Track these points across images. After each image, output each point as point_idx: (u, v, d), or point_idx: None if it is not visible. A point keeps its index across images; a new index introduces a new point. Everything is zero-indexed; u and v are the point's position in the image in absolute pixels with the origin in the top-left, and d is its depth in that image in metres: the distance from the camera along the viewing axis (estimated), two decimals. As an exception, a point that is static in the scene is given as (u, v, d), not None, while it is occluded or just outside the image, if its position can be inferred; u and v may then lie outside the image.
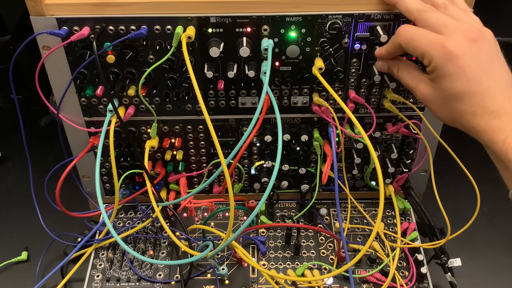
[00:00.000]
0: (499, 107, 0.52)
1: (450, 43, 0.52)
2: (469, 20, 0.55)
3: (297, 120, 0.75)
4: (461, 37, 0.53)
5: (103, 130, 0.66)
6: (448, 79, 0.53)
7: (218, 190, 0.83)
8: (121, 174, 0.77)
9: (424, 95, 0.57)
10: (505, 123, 0.51)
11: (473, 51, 0.52)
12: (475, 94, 0.52)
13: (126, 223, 0.81)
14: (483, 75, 0.52)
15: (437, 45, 0.53)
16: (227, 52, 0.66)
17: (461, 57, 0.52)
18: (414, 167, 0.79)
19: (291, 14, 0.63)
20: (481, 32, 0.54)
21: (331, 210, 0.83)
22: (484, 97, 0.52)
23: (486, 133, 0.52)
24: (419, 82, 0.58)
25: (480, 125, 0.53)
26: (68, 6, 0.63)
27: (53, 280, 0.73)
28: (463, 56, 0.52)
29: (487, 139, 0.52)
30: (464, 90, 0.53)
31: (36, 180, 0.79)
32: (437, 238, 0.74)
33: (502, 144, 0.51)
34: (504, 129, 0.51)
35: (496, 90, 0.52)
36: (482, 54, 0.53)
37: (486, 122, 0.52)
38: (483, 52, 0.53)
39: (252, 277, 0.73)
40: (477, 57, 0.52)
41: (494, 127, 0.52)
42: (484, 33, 0.54)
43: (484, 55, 0.53)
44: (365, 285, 0.72)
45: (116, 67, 0.67)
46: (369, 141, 0.60)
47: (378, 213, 0.59)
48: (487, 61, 0.53)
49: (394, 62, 0.62)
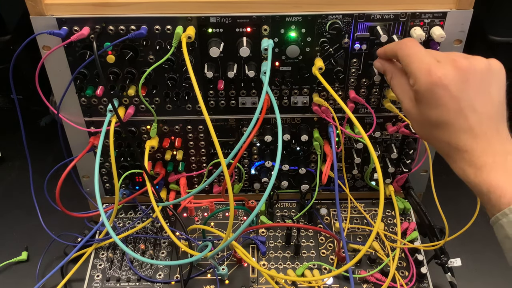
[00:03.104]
0: (473, 140, 0.51)
1: (437, 70, 0.51)
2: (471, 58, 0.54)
3: (297, 120, 0.75)
4: (451, 66, 0.52)
5: (103, 130, 0.66)
6: (429, 105, 0.53)
7: (218, 190, 0.83)
8: (121, 174, 0.77)
9: (407, 110, 0.57)
10: (476, 157, 0.51)
11: (459, 81, 0.51)
12: (453, 126, 0.52)
13: (126, 223, 0.81)
14: (465, 108, 0.51)
15: (425, 70, 0.52)
16: (227, 52, 0.66)
17: (446, 87, 0.51)
18: (414, 167, 0.79)
19: (291, 14, 0.63)
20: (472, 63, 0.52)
21: (331, 210, 0.83)
22: (460, 129, 0.52)
23: (459, 163, 0.52)
24: (406, 96, 0.57)
25: (452, 155, 0.53)
26: (68, 6, 0.63)
27: (53, 280, 0.73)
28: (448, 86, 0.51)
29: (459, 169, 0.52)
30: (441, 120, 0.52)
31: (36, 180, 0.79)
32: (437, 238, 0.74)
33: (474, 177, 0.51)
34: (476, 163, 0.51)
35: (475, 124, 0.51)
36: (469, 86, 0.52)
37: (459, 154, 0.52)
38: (470, 84, 0.52)
39: (252, 277, 0.73)
40: (463, 88, 0.51)
41: (466, 159, 0.51)
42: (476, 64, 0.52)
43: (471, 88, 0.52)
44: (365, 285, 0.72)
45: (116, 67, 0.67)
46: (369, 141, 0.60)
47: (378, 213, 0.59)
48: (473, 94, 0.52)
49: (390, 68, 0.61)
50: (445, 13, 0.64)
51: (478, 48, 0.98)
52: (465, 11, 0.64)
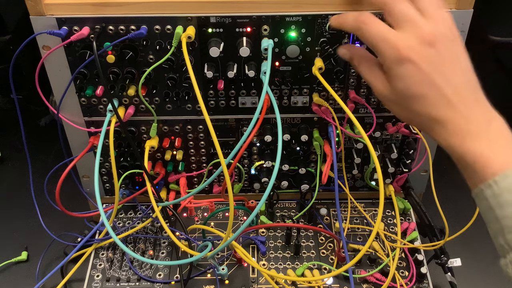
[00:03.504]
0: (453, 110, 0.51)
1: (403, 45, 0.51)
2: (435, 17, 0.53)
3: (297, 120, 0.75)
4: (417, 39, 0.51)
5: (103, 130, 0.66)
6: (401, 80, 0.52)
7: (218, 190, 0.83)
8: (121, 174, 0.77)
9: (380, 93, 0.56)
10: (459, 126, 0.50)
11: (428, 54, 0.51)
12: (429, 97, 0.52)
13: (126, 223, 0.81)
14: (437, 79, 0.51)
15: (391, 46, 0.52)
16: (227, 52, 0.66)
17: (414, 61, 0.51)
18: (414, 167, 0.79)
19: (291, 14, 0.63)
20: (441, 33, 0.52)
21: (331, 210, 0.83)
22: (437, 100, 0.51)
23: (442, 135, 0.52)
24: (376, 79, 0.56)
25: (435, 128, 0.52)
26: (68, 6, 0.63)
27: (53, 280, 0.73)
28: (417, 59, 0.51)
29: (444, 141, 0.52)
30: (417, 93, 0.52)
31: (36, 180, 0.79)
32: (437, 238, 0.74)
33: (459, 147, 0.50)
34: (460, 132, 0.50)
35: (451, 93, 0.51)
36: (439, 57, 0.51)
37: (442, 125, 0.52)
38: (439, 55, 0.51)
39: (252, 277, 0.73)
40: (432, 60, 0.51)
41: (449, 130, 0.51)
42: (444, 35, 0.52)
43: (441, 58, 0.52)
44: (365, 285, 0.72)
45: (116, 67, 0.67)
46: (369, 141, 0.60)
47: (378, 213, 0.59)
48: (443, 65, 0.52)
49: (356, 54, 0.60)
50: (445, 13, 0.64)
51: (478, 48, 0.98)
52: (465, 11, 0.64)
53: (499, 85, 1.10)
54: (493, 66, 1.06)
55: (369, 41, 0.54)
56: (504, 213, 0.48)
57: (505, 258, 0.49)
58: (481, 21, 0.91)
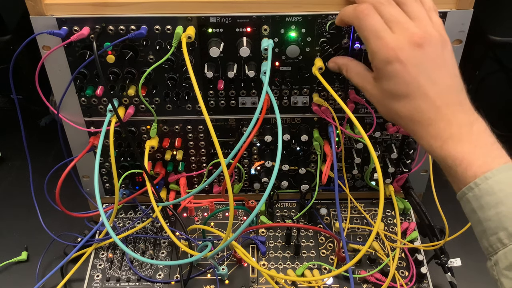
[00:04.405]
0: (436, 113, 0.51)
1: (393, 45, 0.52)
2: (424, 20, 0.54)
3: (297, 120, 0.75)
4: (406, 40, 0.52)
5: (103, 130, 0.66)
6: (387, 80, 0.53)
7: (218, 190, 0.83)
8: (121, 174, 0.77)
9: (369, 94, 0.57)
10: (441, 130, 0.51)
11: (415, 56, 0.52)
12: (413, 98, 0.52)
13: (126, 223, 0.81)
14: (423, 80, 0.52)
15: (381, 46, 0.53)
16: (227, 52, 0.66)
17: (402, 61, 0.52)
18: (414, 167, 0.79)
19: (291, 14, 0.63)
20: (430, 36, 0.53)
21: (331, 210, 0.83)
22: (421, 102, 0.52)
23: (424, 138, 0.52)
24: (365, 81, 0.58)
25: (417, 130, 0.53)
26: (68, 6, 0.63)
27: (53, 280, 0.73)
28: (404, 60, 0.51)
29: (425, 143, 0.52)
30: (402, 92, 0.53)
31: (36, 180, 0.79)
32: (437, 238, 0.74)
33: (440, 150, 0.51)
34: (441, 136, 0.51)
35: (436, 96, 0.52)
36: (426, 59, 0.52)
37: (423, 128, 0.52)
38: (427, 57, 0.52)
39: (252, 277, 0.73)
40: (419, 62, 0.52)
41: (431, 132, 0.51)
42: (432, 38, 0.53)
43: (429, 61, 0.52)
44: (365, 285, 0.72)
45: (116, 67, 0.67)
46: (369, 141, 0.60)
47: (378, 213, 0.59)
48: (430, 67, 0.52)
49: (343, 63, 0.62)
50: (445, 13, 0.64)
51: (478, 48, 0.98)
52: (465, 11, 0.64)
53: (499, 85, 1.10)
54: (493, 66, 1.06)
55: (363, 35, 0.55)
56: (485, 215, 0.48)
57: (490, 260, 0.49)
58: (481, 21, 0.91)
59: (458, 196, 0.51)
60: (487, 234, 0.48)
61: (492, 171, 0.48)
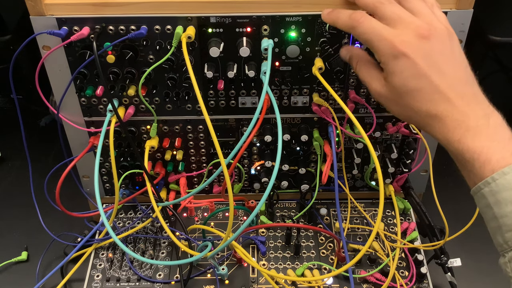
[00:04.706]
0: (451, 105, 0.51)
1: (398, 40, 0.51)
2: (427, 15, 0.53)
3: (297, 120, 0.75)
4: (412, 34, 0.51)
5: (103, 130, 0.66)
6: (397, 76, 0.52)
7: (218, 190, 0.83)
8: (121, 174, 0.77)
9: (376, 92, 0.56)
10: (458, 122, 0.50)
11: (423, 48, 0.51)
12: (425, 92, 0.51)
13: (126, 223, 0.81)
14: (433, 72, 0.51)
15: (387, 42, 0.52)
16: (227, 52, 0.66)
17: (410, 56, 0.51)
18: (414, 167, 0.79)
19: (291, 14, 0.63)
20: (435, 29, 0.52)
21: (331, 210, 0.83)
22: (434, 95, 0.51)
23: (441, 132, 0.51)
24: (373, 79, 0.57)
25: (433, 124, 0.52)
26: (68, 6, 0.63)
27: (53, 280, 0.73)
28: (412, 54, 0.51)
29: (442, 138, 0.52)
30: (414, 87, 0.52)
31: (36, 180, 0.79)
32: (437, 238, 0.74)
33: (458, 144, 0.50)
34: (459, 128, 0.50)
35: (448, 88, 0.51)
36: (435, 51, 0.51)
37: (440, 121, 0.51)
38: (435, 49, 0.52)
39: (252, 277, 0.73)
40: (428, 55, 0.51)
41: (448, 125, 0.50)
42: (438, 31, 0.52)
43: (437, 53, 0.52)
44: (365, 285, 0.72)
45: (116, 67, 0.67)
46: (369, 141, 0.60)
47: (378, 213, 0.59)
48: (439, 59, 0.51)
49: (355, 55, 0.60)
50: (445, 13, 0.63)
51: (478, 48, 0.98)
52: (465, 11, 0.64)
53: (499, 85, 1.10)
54: (493, 66, 1.06)
55: (364, 38, 0.54)
56: (502, 211, 0.47)
57: (504, 257, 0.49)
58: (481, 21, 0.91)
59: (472, 191, 0.50)
60: (503, 230, 0.48)
61: (510, 166, 0.47)
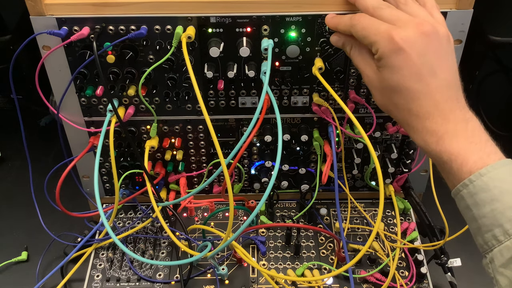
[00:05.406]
0: (434, 107, 0.51)
1: (398, 34, 0.51)
2: (426, 17, 0.53)
3: (297, 120, 0.75)
4: (412, 29, 0.51)
5: (103, 130, 0.66)
6: (390, 70, 0.52)
7: (218, 190, 0.83)
8: (121, 174, 0.77)
9: (369, 79, 0.56)
10: (438, 124, 0.50)
11: (421, 45, 0.51)
12: (413, 91, 0.51)
13: (126, 223, 0.81)
14: (425, 72, 0.51)
15: (385, 35, 0.52)
16: (227, 52, 0.66)
17: (407, 51, 0.51)
18: (414, 167, 0.79)
19: (291, 14, 0.63)
20: (435, 28, 0.52)
21: (331, 210, 0.83)
22: (421, 95, 0.51)
23: (420, 132, 0.52)
24: (367, 65, 0.57)
25: (413, 124, 0.52)
26: (68, 6, 0.63)
27: (53, 280, 0.73)
28: (409, 50, 0.51)
29: (420, 139, 0.52)
30: (403, 84, 0.52)
31: (36, 180, 0.79)
32: (437, 238, 0.74)
33: (435, 145, 0.50)
34: (437, 131, 0.50)
35: (436, 90, 0.51)
36: (431, 50, 0.52)
37: (420, 122, 0.52)
38: (432, 48, 0.52)
39: (252, 277, 0.73)
40: (424, 53, 0.51)
41: (427, 127, 0.51)
42: (438, 31, 0.53)
43: (433, 52, 0.52)
44: (365, 285, 0.72)
45: (116, 67, 0.67)
46: (369, 141, 0.60)
47: (378, 213, 0.59)
48: (434, 59, 0.52)
49: (349, 40, 0.60)
50: (445, 13, 0.64)
51: (478, 48, 0.98)
52: (465, 11, 0.64)
53: (499, 85, 1.10)
54: (493, 66, 1.06)
55: (362, 34, 0.54)
56: (480, 213, 0.48)
57: (485, 258, 0.49)
58: (481, 21, 0.91)
59: (452, 193, 0.51)
60: (482, 231, 0.48)
61: (487, 167, 0.47)
